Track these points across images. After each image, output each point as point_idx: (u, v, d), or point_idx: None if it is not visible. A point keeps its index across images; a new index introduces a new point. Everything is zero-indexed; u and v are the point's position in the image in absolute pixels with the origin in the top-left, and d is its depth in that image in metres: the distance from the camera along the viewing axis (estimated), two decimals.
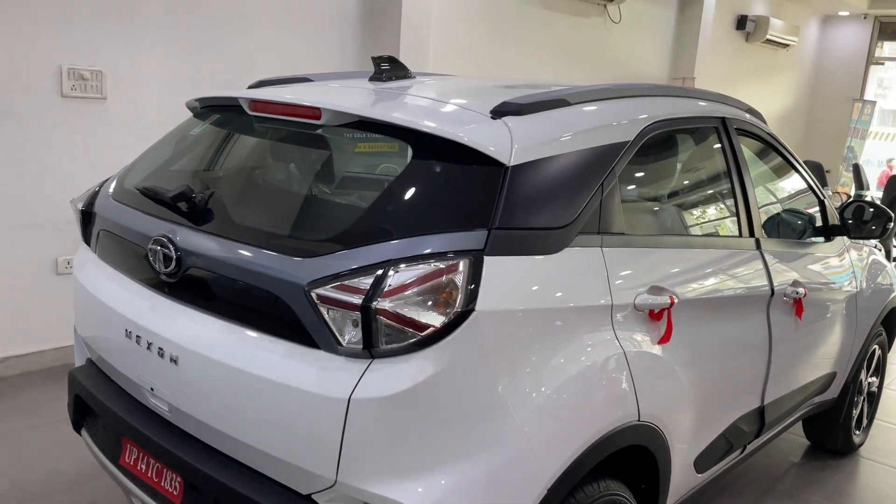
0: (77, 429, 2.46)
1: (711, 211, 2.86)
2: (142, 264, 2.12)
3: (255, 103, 2.19)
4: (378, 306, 1.62)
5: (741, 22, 9.49)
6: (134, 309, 2.11)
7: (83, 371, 2.43)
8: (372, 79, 2.47)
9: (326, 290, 1.67)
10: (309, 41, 5.05)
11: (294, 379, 1.71)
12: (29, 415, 3.64)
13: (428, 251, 1.68)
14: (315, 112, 2.01)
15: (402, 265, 1.66)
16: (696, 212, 2.82)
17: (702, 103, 2.75)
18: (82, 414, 2.43)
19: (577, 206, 1.94)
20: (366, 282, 1.65)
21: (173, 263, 1.98)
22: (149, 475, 2.10)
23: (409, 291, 1.64)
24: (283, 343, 1.76)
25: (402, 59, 5.44)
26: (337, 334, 1.67)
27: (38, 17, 3.80)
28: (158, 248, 2.00)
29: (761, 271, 2.75)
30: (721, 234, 2.81)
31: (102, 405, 2.22)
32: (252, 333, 1.83)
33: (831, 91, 12.17)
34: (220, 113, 2.47)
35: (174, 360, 1.94)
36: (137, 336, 2.06)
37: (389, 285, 1.63)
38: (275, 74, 2.76)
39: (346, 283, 1.67)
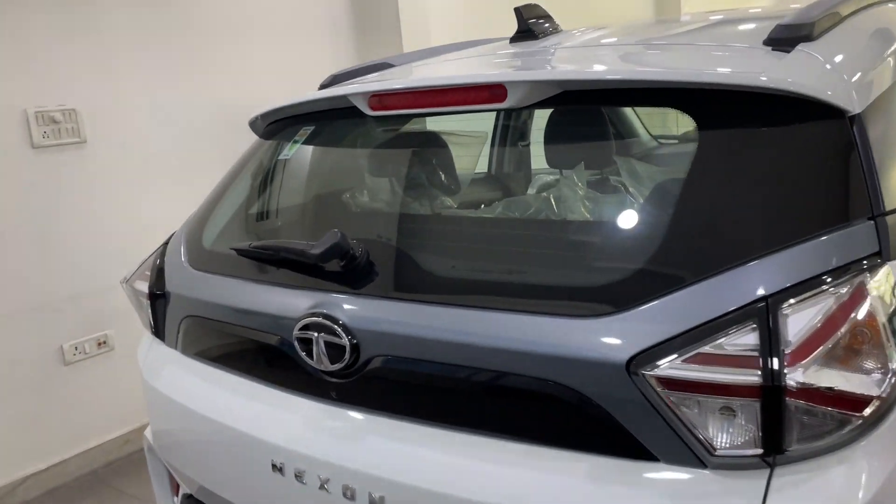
0: None
1: None
2: (279, 361, 1.43)
3: (385, 97, 1.50)
4: (789, 381, 0.97)
5: None
6: (279, 429, 1.42)
7: None
8: (518, 39, 1.82)
9: (672, 367, 1.02)
10: (301, 50, 4.32)
11: None
12: None
13: (821, 271, 1.03)
14: (497, 93, 1.34)
15: (791, 300, 1.01)
16: None
17: None
18: None
19: None
20: (742, 340, 1.00)
21: (347, 355, 1.30)
22: None
23: (825, 345, 0.99)
24: (586, 459, 1.11)
25: (405, 49, 4.79)
26: (702, 437, 1.02)
27: None
28: (316, 334, 1.32)
29: None
30: None
31: None
32: (516, 446, 1.17)
33: None
34: (306, 125, 1.78)
35: None
36: (297, 470, 1.37)
37: (793, 340, 0.99)
38: (269, 88, 2.14)
39: (706, 348, 1.01)
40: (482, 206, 1.67)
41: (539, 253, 1.33)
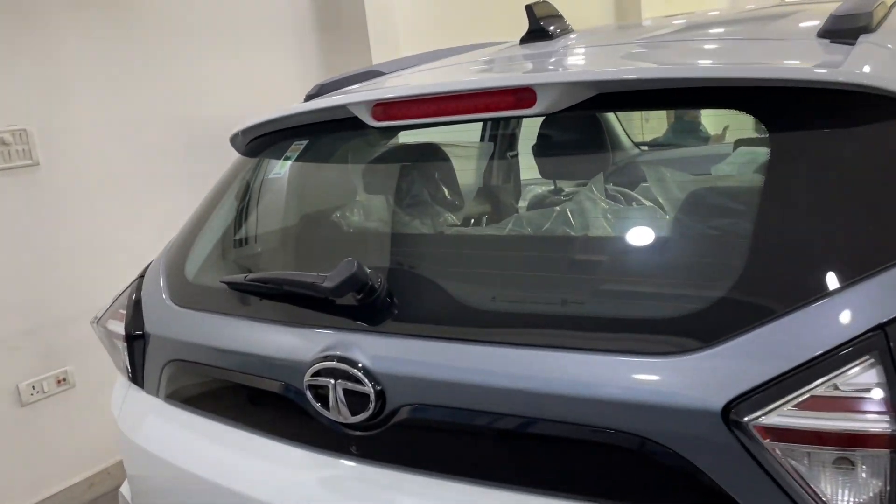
0: None
1: None
2: (285, 412, 1.25)
3: (391, 106, 1.33)
4: None
5: None
6: (288, 490, 1.23)
7: None
8: (529, 39, 1.66)
9: (781, 414, 0.86)
10: (265, 57, 4.10)
11: None
12: None
13: None
14: (524, 97, 1.18)
15: None
16: None
17: None
18: None
19: None
20: (860, 379, 0.85)
21: (372, 405, 1.11)
22: None
23: None
24: None
25: (373, 56, 4.56)
26: (814, 494, 0.87)
27: None
28: (333, 381, 1.14)
29: None
30: None
31: None
32: None
33: None
34: (298, 139, 1.59)
35: None
36: None
37: None
38: (234, 97, 1.94)
39: (819, 390, 0.86)
40: (517, 223, 1.50)
41: (602, 278, 1.16)
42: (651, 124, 3.58)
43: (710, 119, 3.85)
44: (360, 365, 1.13)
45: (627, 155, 2.89)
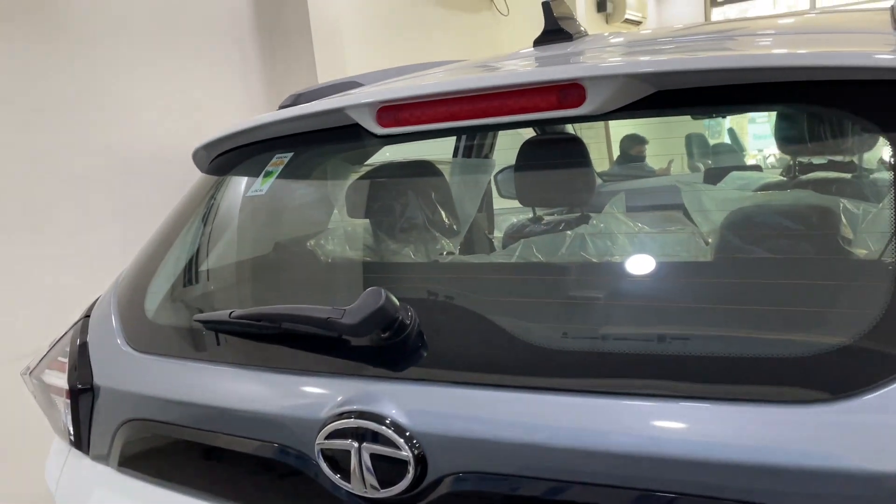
0: None
1: None
2: (287, 484, 0.99)
3: (402, 109, 1.11)
4: None
5: (602, 4, 9.20)
6: None
7: None
8: (546, 41, 1.47)
9: None
10: (200, 63, 3.80)
11: None
12: None
13: None
14: (570, 94, 0.98)
15: None
16: None
17: None
18: None
19: None
20: None
21: (411, 474, 0.87)
22: None
23: None
24: None
25: (319, 71, 4.32)
26: None
27: None
28: (356, 444, 0.89)
29: None
30: None
31: None
32: None
33: None
34: (280, 152, 1.35)
35: None
36: None
37: None
38: (171, 118, 1.65)
39: None
40: (579, 243, 1.27)
41: (713, 306, 0.95)
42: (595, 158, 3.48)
43: (655, 156, 3.77)
44: (388, 421, 0.88)
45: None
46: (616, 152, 3.93)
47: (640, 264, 1.18)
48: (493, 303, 1.05)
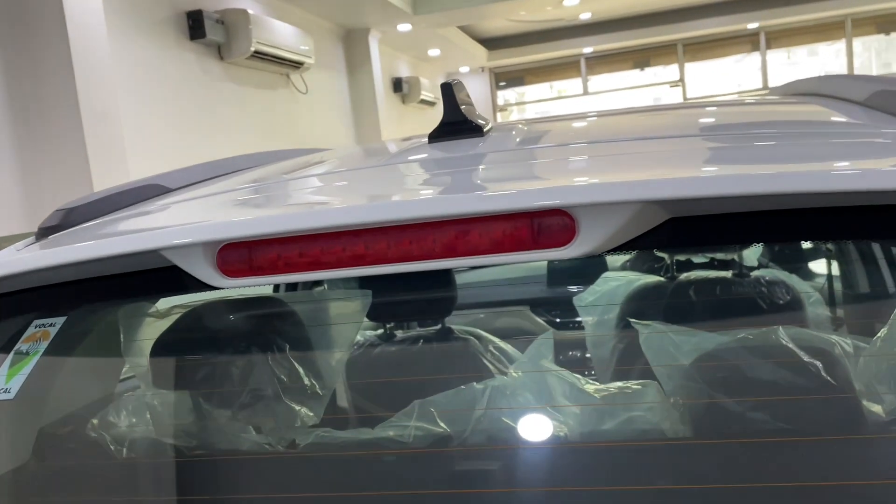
0: None
1: None
2: None
3: (256, 252, 0.78)
4: None
5: (397, 84, 9.69)
6: None
7: None
8: (444, 135, 1.20)
9: None
10: None
11: None
12: None
13: None
14: (553, 227, 0.72)
15: None
16: None
17: None
18: None
19: None
20: None
21: None
22: None
23: None
24: None
25: (91, 161, 4.07)
26: None
27: None
28: None
29: None
30: None
31: None
32: None
33: None
34: (37, 317, 0.96)
35: None
36: None
37: None
38: None
39: None
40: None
41: None
42: None
43: None
44: None
45: None
46: None
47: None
48: None
